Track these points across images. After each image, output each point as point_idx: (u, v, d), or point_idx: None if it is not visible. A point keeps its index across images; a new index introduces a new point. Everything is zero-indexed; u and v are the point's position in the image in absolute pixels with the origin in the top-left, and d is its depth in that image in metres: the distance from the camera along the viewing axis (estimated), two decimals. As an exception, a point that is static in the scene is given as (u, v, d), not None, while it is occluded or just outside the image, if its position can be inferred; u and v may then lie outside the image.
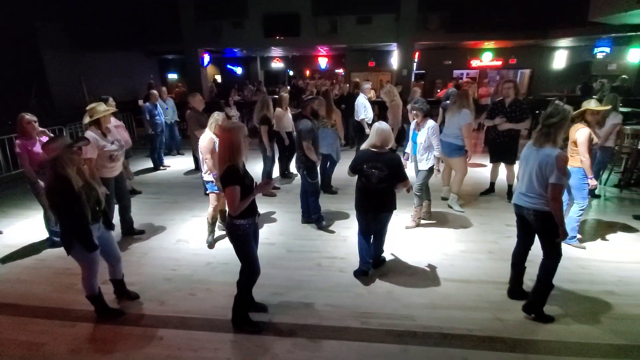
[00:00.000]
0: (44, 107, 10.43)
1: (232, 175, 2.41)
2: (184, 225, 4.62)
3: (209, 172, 3.88)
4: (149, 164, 7.30)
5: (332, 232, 4.38)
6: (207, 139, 3.84)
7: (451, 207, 4.94)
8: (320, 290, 3.24)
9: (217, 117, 3.90)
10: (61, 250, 4.00)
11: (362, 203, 3.27)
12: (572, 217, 3.77)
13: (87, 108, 3.78)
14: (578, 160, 3.59)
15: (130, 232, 4.30)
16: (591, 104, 3.66)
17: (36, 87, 10.96)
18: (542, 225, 2.69)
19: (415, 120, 4.21)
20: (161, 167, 7.29)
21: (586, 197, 3.74)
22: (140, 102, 8.92)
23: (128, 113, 10.08)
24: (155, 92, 7.22)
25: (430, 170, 4.23)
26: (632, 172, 5.62)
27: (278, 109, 5.98)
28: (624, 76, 10.79)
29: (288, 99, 6.36)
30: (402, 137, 7.21)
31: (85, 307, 2.96)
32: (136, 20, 11.88)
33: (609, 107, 4.20)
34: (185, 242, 4.18)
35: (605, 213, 4.85)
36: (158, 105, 7.12)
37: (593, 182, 3.70)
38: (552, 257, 2.72)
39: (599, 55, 11.30)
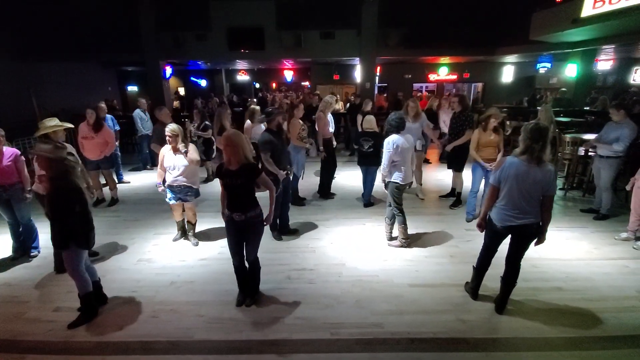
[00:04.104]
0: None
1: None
2: (145, 244, 4.41)
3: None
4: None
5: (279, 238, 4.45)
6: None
7: (417, 195, 5.91)
8: (290, 303, 3.22)
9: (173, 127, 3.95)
10: (6, 276, 3.71)
11: (360, 161, 5.44)
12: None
13: (39, 123, 3.65)
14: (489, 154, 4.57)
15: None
16: (491, 112, 4.52)
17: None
18: (535, 234, 2.83)
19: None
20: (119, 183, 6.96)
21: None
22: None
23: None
24: (103, 105, 6.98)
25: (393, 186, 4.17)
26: (574, 176, 6.16)
27: (248, 121, 6.01)
28: (563, 89, 11.88)
29: (259, 112, 6.27)
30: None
31: (36, 338, 2.74)
32: (92, 30, 11.40)
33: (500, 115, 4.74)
34: (146, 262, 3.99)
35: (552, 214, 5.24)
36: (113, 118, 6.87)
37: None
38: (521, 259, 2.93)
39: (542, 70, 12.36)
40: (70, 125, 4.11)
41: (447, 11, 11.66)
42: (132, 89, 17.55)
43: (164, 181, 4.13)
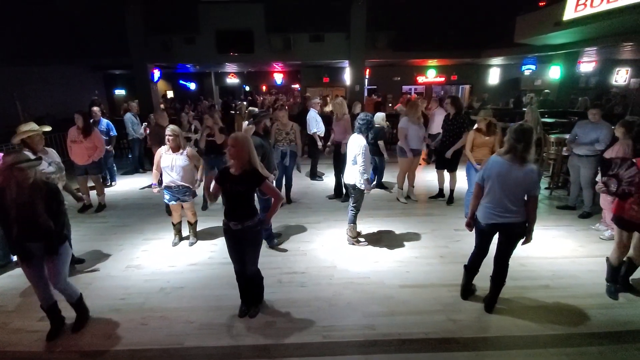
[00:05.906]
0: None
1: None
2: (134, 250, 4.34)
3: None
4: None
5: (285, 250, 4.30)
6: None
7: (409, 197, 5.95)
8: (281, 307, 3.21)
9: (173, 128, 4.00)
10: (-11, 287, 3.61)
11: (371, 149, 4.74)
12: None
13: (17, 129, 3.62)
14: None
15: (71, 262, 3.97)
16: (480, 114, 4.67)
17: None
18: (521, 234, 2.87)
19: None
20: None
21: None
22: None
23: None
24: (96, 109, 6.91)
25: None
26: (559, 176, 6.29)
27: (246, 123, 6.02)
28: (546, 91, 12.15)
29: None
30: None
31: (21, 348, 2.67)
32: (79, 32, 11.21)
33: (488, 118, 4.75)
34: (135, 268, 3.93)
35: (538, 214, 5.34)
36: (101, 121, 6.77)
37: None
38: (509, 259, 2.96)
39: (526, 72, 12.59)
40: (48, 129, 4.01)
41: (434, 14, 11.81)
42: (120, 92, 17.29)
43: (160, 182, 4.13)
